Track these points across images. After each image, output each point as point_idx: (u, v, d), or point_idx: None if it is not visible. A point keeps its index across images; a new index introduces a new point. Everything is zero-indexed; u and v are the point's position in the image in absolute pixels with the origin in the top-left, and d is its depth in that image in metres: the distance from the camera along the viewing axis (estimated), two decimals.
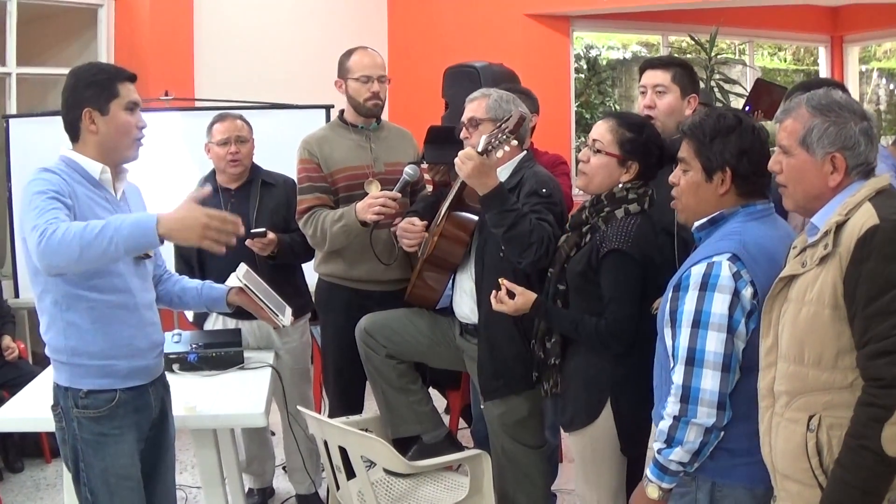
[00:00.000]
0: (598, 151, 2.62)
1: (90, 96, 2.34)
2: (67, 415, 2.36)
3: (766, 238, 2.07)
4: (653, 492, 2.11)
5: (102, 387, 2.35)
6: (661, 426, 2.07)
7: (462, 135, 3.03)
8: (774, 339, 1.90)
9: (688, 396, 2.01)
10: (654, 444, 2.11)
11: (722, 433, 2.03)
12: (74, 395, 2.34)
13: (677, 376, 2.04)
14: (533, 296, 2.65)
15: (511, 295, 2.66)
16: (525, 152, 3.02)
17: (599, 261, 2.53)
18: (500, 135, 2.71)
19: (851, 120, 1.84)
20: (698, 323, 2.01)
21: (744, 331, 2.01)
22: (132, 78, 2.42)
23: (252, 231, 3.43)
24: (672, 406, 2.04)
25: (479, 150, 2.69)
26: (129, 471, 2.38)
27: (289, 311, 2.94)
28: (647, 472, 2.13)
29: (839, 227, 1.78)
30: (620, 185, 2.62)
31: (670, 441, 2.04)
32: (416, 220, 3.17)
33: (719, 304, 1.99)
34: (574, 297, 2.64)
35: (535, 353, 2.77)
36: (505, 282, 2.67)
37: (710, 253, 2.05)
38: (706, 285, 2.01)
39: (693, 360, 2.01)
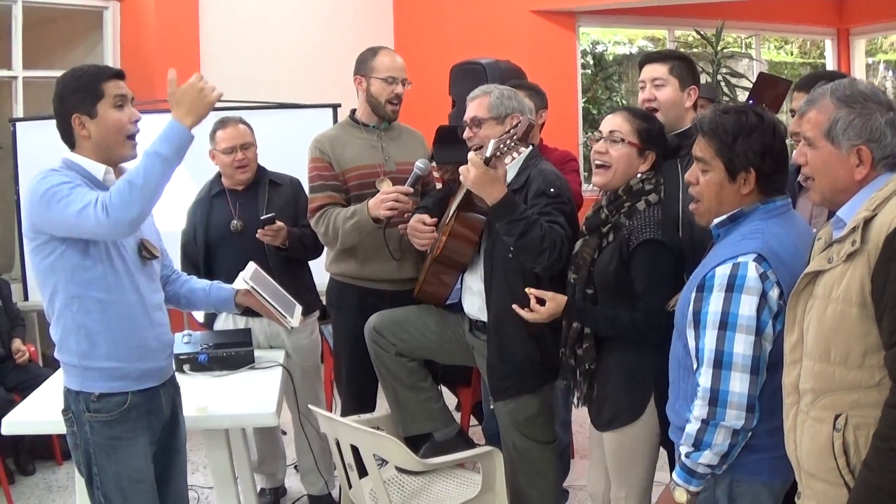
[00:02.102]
0: (619, 141, 2.59)
1: (76, 102, 2.31)
2: (79, 419, 2.34)
3: (787, 236, 2.04)
4: (681, 496, 2.08)
5: (114, 390, 2.33)
6: (688, 429, 2.04)
7: (466, 134, 3.01)
8: (799, 336, 1.86)
9: (716, 399, 1.98)
10: (682, 448, 2.08)
11: (749, 434, 2.01)
12: (86, 398, 2.32)
13: (704, 379, 2.01)
14: (564, 298, 2.61)
15: (541, 302, 2.62)
16: (531, 148, 3.00)
17: (630, 255, 2.50)
18: (508, 141, 2.68)
19: (877, 111, 1.79)
20: (725, 325, 1.98)
21: (771, 332, 1.98)
22: (118, 74, 2.39)
23: (262, 218, 3.46)
24: (700, 409, 2.01)
25: (487, 155, 2.66)
26: (142, 474, 2.36)
27: (298, 310, 2.92)
28: (674, 475, 2.10)
29: (867, 222, 1.73)
30: (637, 178, 2.60)
31: (698, 444, 2.02)
32: (426, 217, 3.15)
33: (747, 305, 1.96)
34: (603, 298, 2.60)
35: (566, 360, 2.74)
36: (532, 290, 2.63)
37: (735, 253, 2.02)
38: (733, 286, 1.98)
39: (721, 362, 1.98)
